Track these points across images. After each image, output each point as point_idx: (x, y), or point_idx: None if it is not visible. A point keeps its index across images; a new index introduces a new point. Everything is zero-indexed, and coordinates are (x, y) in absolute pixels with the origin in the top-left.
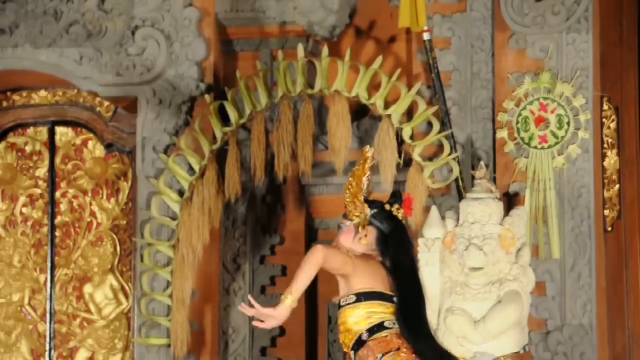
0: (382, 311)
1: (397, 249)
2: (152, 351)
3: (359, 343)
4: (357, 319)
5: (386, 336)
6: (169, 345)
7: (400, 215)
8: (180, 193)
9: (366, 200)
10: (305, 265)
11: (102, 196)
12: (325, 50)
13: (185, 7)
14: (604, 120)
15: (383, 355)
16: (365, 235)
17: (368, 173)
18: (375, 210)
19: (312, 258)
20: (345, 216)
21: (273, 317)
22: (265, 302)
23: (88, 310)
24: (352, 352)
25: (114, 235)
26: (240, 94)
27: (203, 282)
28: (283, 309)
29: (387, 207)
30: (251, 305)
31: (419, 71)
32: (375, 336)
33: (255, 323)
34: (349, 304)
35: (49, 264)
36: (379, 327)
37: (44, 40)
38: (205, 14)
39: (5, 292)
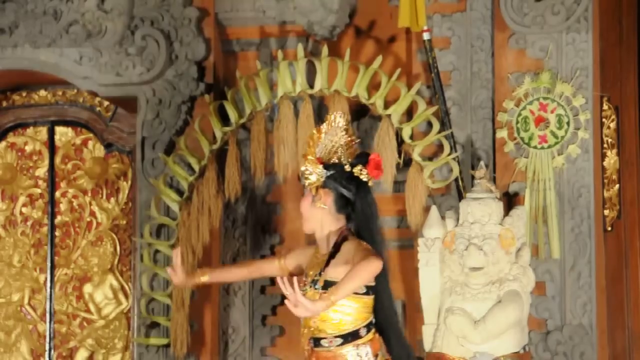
0: (371, 310)
1: (362, 219)
2: (152, 351)
3: (354, 336)
4: (358, 311)
5: (374, 336)
6: (168, 345)
7: (364, 177)
8: (180, 193)
9: (327, 163)
10: (363, 275)
11: (102, 196)
12: (325, 50)
13: (185, 6)
14: (603, 120)
15: (376, 356)
16: (320, 199)
17: (325, 131)
18: (332, 172)
19: (373, 271)
20: (299, 178)
21: (307, 308)
22: (265, 302)
23: (88, 310)
24: (337, 340)
25: (114, 235)
26: (240, 93)
27: None
28: (321, 306)
29: (348, 168)
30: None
31: (419, 71)
32: (369, 334)
33: (287, 302)
34: (359, 293)
35: (48, 263)
36: (371, 324)
37: (44, 40)
38: (205, 13)
39: (5, 292)
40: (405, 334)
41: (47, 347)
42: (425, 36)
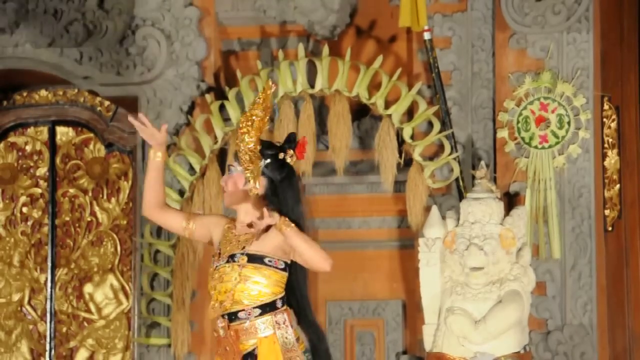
0: (284, 286)
1: (286, 204)
2: (152, 351)
3: (272, 307)
4: (275, 284)
5: (288, 309)
6: (169, 345)
7: (292, 162)
8: (181, 193)
9: (261, 145)
10: (314, 251)
11: (103, 196)
12: (325, 49)
13: (186, 6)
14: (604, 120)
15: (292, 327)
16: (255, 185)
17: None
18: (268, 161)
19: (321, 257)
20: (237, 158)
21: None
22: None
23: (88, 310)
24: (255, 310)
25: (115, 235)
26: (241, 93)
27: (203, 282)
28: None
29: (282, 155)
30: None
31: (420, 71)
32: (284, 306)
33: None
34: (277, 268)
35: (49, 263)
36: (284, 298)
37: (44, 40)
38: (205, 13)
39: (6, 292)
40: (406, 334)
41: (47, 347)
42: (426, 36)
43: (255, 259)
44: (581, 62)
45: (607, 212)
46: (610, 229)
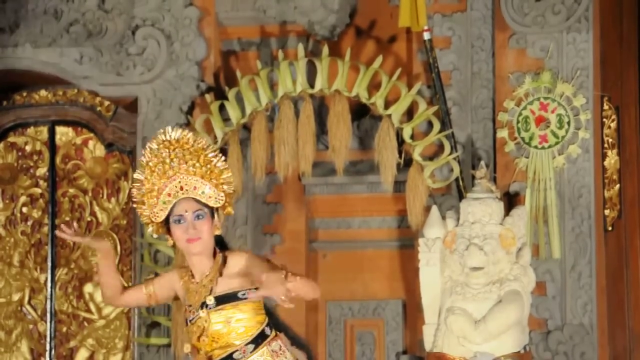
0: (263, 309)
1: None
2: (152, 351)
3: (263, 337)
4: (256, 313)
5: (278, 333)
6: (169, 345)
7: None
8: None
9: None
10: (312, 288)
11: (103, 196)
12: (325, 49)
13: (186, 6)
14: (604, 120)
15: (288, 351)
16: (218, 223)
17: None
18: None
19: (315, 290)
20: (199, 202)
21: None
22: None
23: (88, 310)
24: (249, 346)
25: (115, 235)
26: (240, 93)
27: None
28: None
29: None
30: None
31: (419, 71)
32: (273, 332)
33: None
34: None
35: (49, 263)
36: (270, 323)
37: (45, 40)
38: (205, 13)
39: (6, 292)
40: (406, 334)
41: (47, 347)
42: (426, 36)
43: (227, 298)
44: (581, 62)
45: (607, 212)
46: (610, 228)
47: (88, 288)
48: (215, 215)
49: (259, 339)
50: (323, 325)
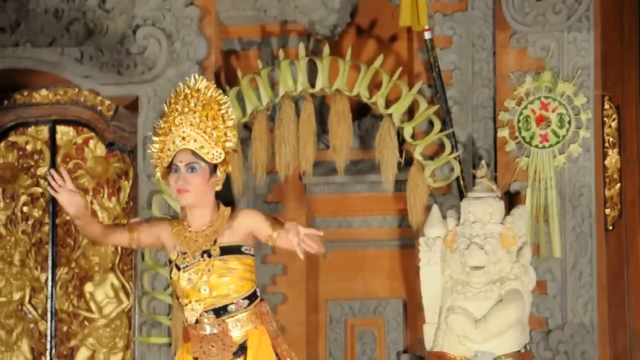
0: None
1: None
2: (153, 350)
3: (255, 297)
4: (253, 272)
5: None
6: (170, 344)
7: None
8: None
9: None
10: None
11: (103, 195)
12: (326, 49)
13: (187, 6)
14: (605, 119)
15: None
16: (218, 178)
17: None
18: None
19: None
20: (197, 155)
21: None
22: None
23: (89, 309)
24: (244, 302)
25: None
26: (241, 93)
27: None
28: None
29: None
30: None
31: (420, 70)
32: (259, 295)
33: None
34: (251, 255)
35: (50, 262)
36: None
37: (45, 39)
38: (206, 12)
39: (6, 291)
40: (407, 333)
41: (48, 346)
42: (427, 35)
43: (232, 249)
44: (582, 62)
45: (607, 211)
46: (610, 228)
47: (89, 287)
48: (218, 172)
49: (252, 297)
50: (324, 325)
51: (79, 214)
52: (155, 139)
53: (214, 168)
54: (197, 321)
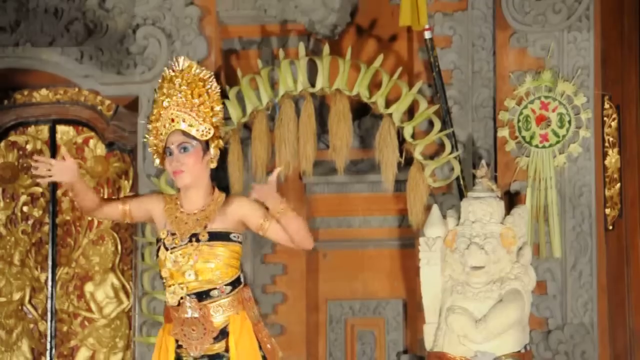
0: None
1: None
2: (153, 350)
3: (239, 283)
4: (238, 258)
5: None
6: None
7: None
8: None
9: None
10: (305, 229)
11: (103, 195)
12: (326, 48)
13: (187, 5)
14: (605, 118)
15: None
16: (212, 156)
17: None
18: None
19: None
20: (187, 134)
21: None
22: (267, 302)
23: (89, 309)
24: (227, 287)
25: (115, 234)
26: (241, 92)
27: None
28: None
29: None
30: None
31: (420, 70)
32: (243, 280)
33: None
34: (239, 242)
35: (50, 262)
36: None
37: (45, 39)
38: (206, 12)
39: (6, 291)
40: (407, 333)
41: (48, 346)
42: (427, 35)
43: (221, 236)
44: (582, 61)
45: (607, 211)
46: (610, 227)
47: (89, 287)
48: (211, 148)
49: (235, 283)
50: (324, 325)
51: (75, 177)
52: (149, 127)
53: (206, 146)
54: (179, 303)
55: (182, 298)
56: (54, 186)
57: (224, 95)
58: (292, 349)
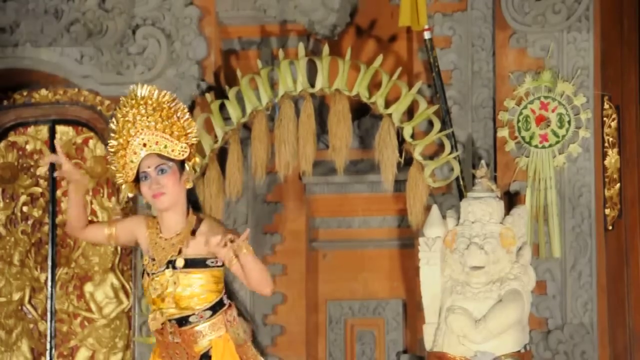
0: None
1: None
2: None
3: (221, 305)
4: (220, 281)
5: (231, 302)
6: None
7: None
8: None
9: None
10: (264, 273)
11: (103, 195)
12: (326, 49)
13: (186, 6)
14: (604, 119)
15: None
16: (188, 176)
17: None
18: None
19: (267, 275)
20: (163, 156)
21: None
22: (266, 302)
23: (89, 309)
24: (207, 312)
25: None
26: (241, 92)
27: None
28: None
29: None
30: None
31: (420, 70)
32: (227, 301)
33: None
34: (218, 266)
35: (49, 262)
36: (226, 293)
37: (45, 39)
38: (206, 12)
39: (6, 291)
40: (406, 333)
41: (47, 346)
42: (426, 35)
43: (196, 262)
44: (581, 61)
45: (607, 211)
46: (610, 228)
47: (88, 287)
48: (186, 167)
49: (217, 307)
50: (323, 325)
51: (82, 181)
52: (113, 158)
53: (181, 165)
54: (162, 328)
55: (163, 323)
56: (53, 186)
57: (223, 95)
58: (292, 350)
